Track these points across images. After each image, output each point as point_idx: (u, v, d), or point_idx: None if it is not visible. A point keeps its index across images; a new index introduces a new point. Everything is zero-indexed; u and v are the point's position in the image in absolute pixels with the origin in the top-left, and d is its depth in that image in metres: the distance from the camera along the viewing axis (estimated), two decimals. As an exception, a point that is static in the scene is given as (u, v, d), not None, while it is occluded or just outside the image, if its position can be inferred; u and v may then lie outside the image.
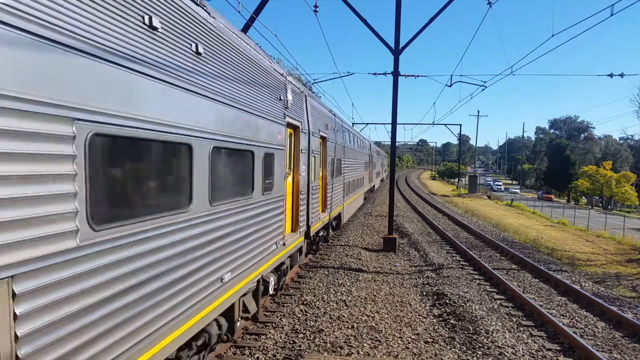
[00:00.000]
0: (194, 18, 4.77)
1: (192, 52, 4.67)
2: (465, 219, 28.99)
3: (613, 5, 12.88)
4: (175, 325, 4.38)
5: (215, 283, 5.29)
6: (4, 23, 2.52)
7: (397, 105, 17.09)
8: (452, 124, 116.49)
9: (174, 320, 4.36)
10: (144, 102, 3.80)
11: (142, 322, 3.82)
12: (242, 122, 6.14)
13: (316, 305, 9.96)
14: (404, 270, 14.13)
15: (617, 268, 17.60)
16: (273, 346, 7.80)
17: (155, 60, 3.96)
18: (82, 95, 3.10)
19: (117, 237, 3.49)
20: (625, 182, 58.37)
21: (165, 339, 4.22)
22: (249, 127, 6.43)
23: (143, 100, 3.78)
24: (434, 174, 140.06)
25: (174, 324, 4.35)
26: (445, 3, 16.64)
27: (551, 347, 8.39)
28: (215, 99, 5.20)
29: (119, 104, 3.48)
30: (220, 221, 5.45)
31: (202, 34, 4.93)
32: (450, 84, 23.99)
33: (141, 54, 3.75)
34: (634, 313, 10.73)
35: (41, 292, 2.77)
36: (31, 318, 2.71)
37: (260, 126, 6.95)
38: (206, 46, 5.03)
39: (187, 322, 4.61)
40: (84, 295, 3.13)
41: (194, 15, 4.77)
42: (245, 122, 6.25)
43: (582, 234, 27.66)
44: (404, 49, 16.78)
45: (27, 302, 2.68)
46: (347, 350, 7.72)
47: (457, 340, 8.47)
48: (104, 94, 3.32)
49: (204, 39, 4.96)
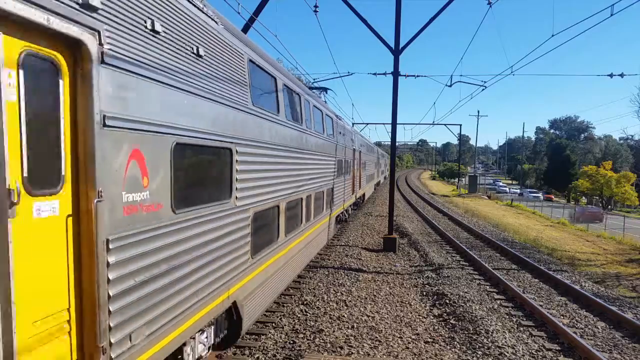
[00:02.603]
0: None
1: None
2: (465, 219, 29.00)
3: (613, 5, 12.90)
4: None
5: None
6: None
7: (397, 105, 17.10)
8: (452, 124, 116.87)
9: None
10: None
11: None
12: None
13: (316, 305, 9.96)
14: (404, 270, 14.13)
15: (617, 268, 17.59)
16: (273, 346, 7.81)
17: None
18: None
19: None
20: (625, 182, 58.34)
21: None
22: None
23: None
24: (434, 174, 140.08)
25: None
26: (445, 3, 16.66)
27: (551, 347, 8.39)
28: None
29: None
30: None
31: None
32: (450, 84, 24.01)
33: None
34: (634, 313, 10.73)
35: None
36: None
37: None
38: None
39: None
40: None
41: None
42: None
43: (582, 234, 27.66)
44: (404, 49, 16.79)
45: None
46: (347, 350, 7.72)
47: (457, 340, 8.47)
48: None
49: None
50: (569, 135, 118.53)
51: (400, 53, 16.72)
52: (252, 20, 14.04)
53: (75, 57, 3.24)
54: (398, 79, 16.89)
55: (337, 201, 16.71)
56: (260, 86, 7.27)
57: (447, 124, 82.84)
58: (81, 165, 3.30)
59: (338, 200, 16.85)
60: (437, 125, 52.63)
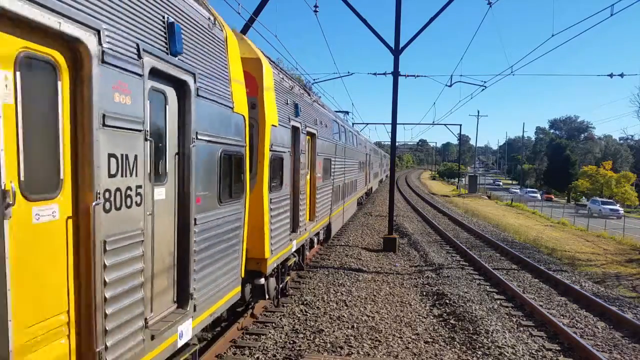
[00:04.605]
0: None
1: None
2: (466, 219, 28.99)
3: (613, 5, 12.90)
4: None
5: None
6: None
7: (397, 105, 17.10)
8: (452, 124, 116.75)
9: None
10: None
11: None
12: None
13: (316, 305, 9.96)
14: (404, 270, 14.13)
15: (617, 268, 17.60)
16: (273, 346, 7.80)
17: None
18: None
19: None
20: (625, 182, 58.39)
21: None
22: None
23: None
24: (434, 174, 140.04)
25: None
26: (445, 3, 16.66)
27: (551, 347, 8.39)
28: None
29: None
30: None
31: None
32: (450, 84, 24.00)
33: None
34: (634, 313, 10.73)
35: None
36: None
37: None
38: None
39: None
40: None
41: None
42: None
43: (582, 234, 27.66)
44: (404, 49, 16.79)
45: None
46: (347, 350, 7.72)
47: (457, 340, 8.47)
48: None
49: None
50: (569, 135, 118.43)
51: (400, 53, 16.72)
52: (252, 20, 14.04)
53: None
54: (398, 79, 16.89)
55: (359, 188, 25.76)
56: (336, 129, 15.91)
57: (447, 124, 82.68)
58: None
59: (359, 188, 26.01)
60: (437, 125, 52.68)
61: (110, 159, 3.47)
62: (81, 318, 3.33)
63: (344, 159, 17.86)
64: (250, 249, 7.08)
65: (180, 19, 4.65)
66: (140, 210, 3.88)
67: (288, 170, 8.93)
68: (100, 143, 3.34)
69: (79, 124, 3.24)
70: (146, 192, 3.99)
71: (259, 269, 7.57)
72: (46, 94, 3.05)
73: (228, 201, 5.93)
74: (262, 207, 7.44)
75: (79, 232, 3.28)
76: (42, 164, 3.04)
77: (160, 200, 4.42)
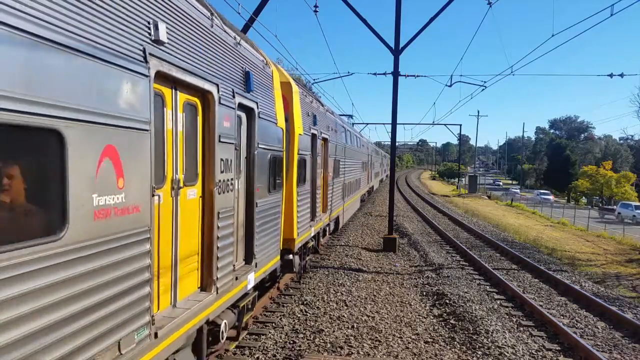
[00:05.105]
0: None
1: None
2: (466, 219, 29.00)
3: (613, 5, 12.92)
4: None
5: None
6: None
7: (397, 105, 17.11)
8: (452, 124, 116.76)
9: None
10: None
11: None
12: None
13: (316, 305, 9.96)
14: (404, 270, 14.13)
15: (617, 268, 17.60)
16: (273, 346, 7.81)
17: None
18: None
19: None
20: (625, 182, 58.37)
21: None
22: None
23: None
24: (434, 174, 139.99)
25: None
26: (445, 3, 16.67)
27: (551, 347, 8.39)
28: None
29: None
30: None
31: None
32: (450, 84, 24.02)
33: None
34: (634, 313, 10.73)
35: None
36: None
37: None
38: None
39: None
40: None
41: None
42: None
43: (582, 234, 27.66)
44: (404, 49, 16.79)
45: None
46: (347, 350, 7.72)
47: (457, 340, 8.47)
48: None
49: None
50: (569, 135, 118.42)
51: (400, 53, 16.72)
52: (252, 20, 14.04)
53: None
54: (398, 79, 16.90)
55: (362, 186, 27.76)
56: (343, 133, 17.72)
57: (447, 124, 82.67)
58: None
59: (362, 186, 28.01)
60: (437, 125, 52.75)
61: (221, 162, 5.39)
62: (204, 258, 5.29)
63: (350, 159, 20.28)
64: (283, 230, 8.79)
65: (251, 67, 6.52)
66: (232, 195, 5.85)
67: (309, 169, 10.90)
68: (217, 152, 5.25)
69: (206, 141, 5.17)
70: (234, 184, 5.92)
71: (289, 247, 9.44)
72: (192, 124, 4.95)
73: (273, 192, 7.69)
74: (292, 198, 9.40)
75: (204, 205, 5.25)
76: (190, 164, 4.94)
77: (238, 189, 6.25)
